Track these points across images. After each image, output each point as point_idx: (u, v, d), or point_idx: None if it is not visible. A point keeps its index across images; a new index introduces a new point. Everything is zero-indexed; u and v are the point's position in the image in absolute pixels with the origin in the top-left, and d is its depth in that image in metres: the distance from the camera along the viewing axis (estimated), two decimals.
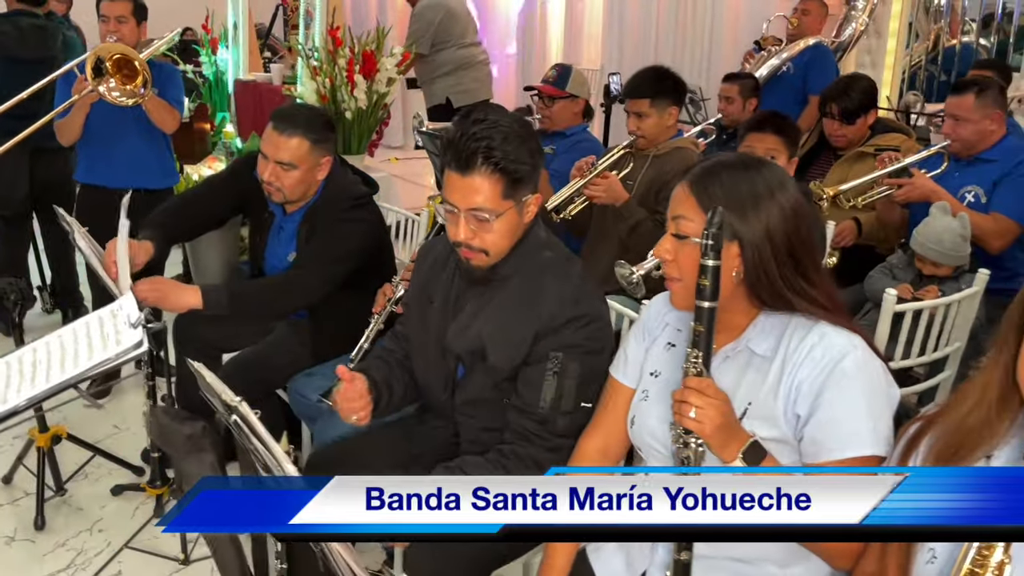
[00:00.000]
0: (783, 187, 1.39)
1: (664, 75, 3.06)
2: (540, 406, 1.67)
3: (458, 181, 1.65)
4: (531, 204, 1.73)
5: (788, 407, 1.35)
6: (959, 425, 1.14)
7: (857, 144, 3.45)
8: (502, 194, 1.65)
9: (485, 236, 1.69)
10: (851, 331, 1.37)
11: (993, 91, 3.05)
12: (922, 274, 2.78)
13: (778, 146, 2.66)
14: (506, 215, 1.68)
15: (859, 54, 5.22)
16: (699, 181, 1.39)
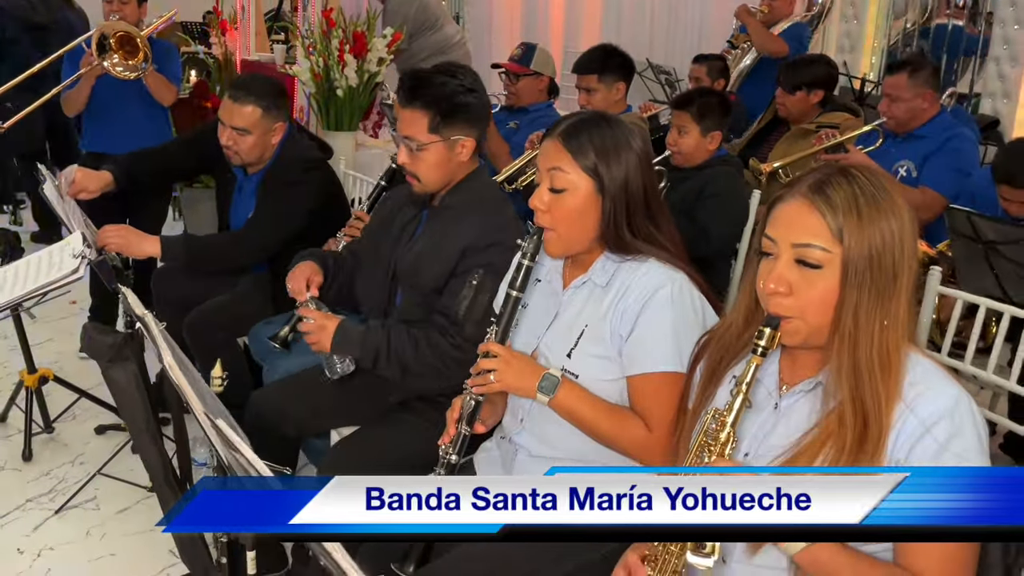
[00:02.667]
0: (635, 137, 1.60)
1: (612, 52, 3.26)
2: (456, 311, 1.93)
3: (399, 112, 2.01)
4: (463, 146, 2.00)
5: (614, 328, 1.56)
6: (721, 339, 1.34)
7: (801, 120, 3.59)
8: (428, 127, 1.96)
9: (416, 163, 2.00)
10: (676, 268, 1.57)
11: (926, 71, 3.19)
12: None
13: (688, 122, 2.84)
14: (432, 148, 1.98)
15: (839, 37, 5.33)
16: (570, 135, 1.59)
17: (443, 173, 2.02)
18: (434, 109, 1.95)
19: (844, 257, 1.16)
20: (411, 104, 1.97)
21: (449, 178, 2.04)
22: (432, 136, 1.97)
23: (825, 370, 1.21)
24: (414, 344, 1.95)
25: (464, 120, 1.99)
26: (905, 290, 1.17)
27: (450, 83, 1.98)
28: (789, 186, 1.24)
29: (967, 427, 1.12)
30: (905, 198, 2.98)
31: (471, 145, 2.01)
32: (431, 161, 1.99)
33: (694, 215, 2.82)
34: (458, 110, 1.97)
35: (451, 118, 1.97)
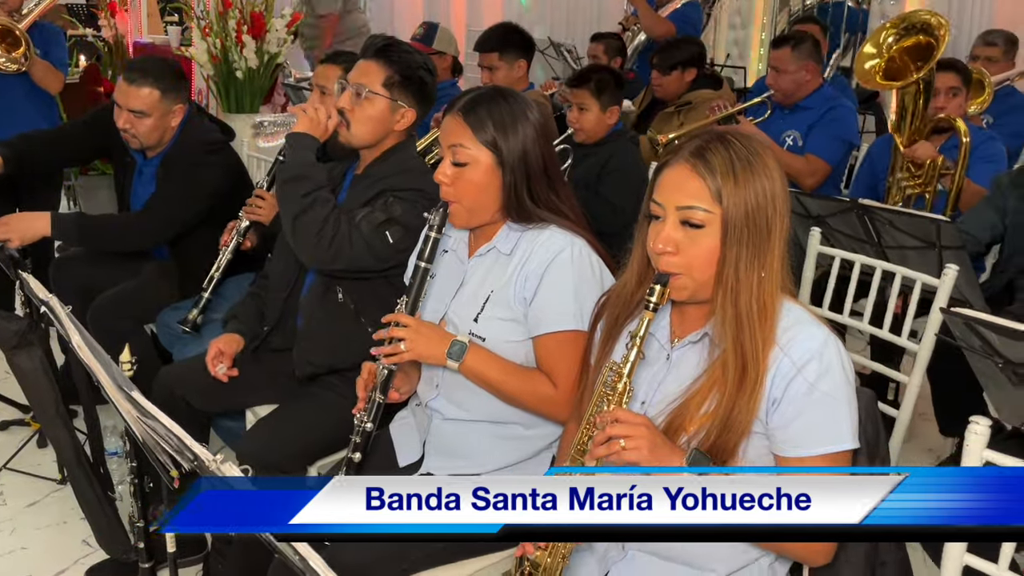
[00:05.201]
0: (532, 110, 1.67)
1: (512, 30, 3.33)
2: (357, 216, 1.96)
3: (360, 63, 2.03)
4: (403, 114, 2.03)
5: (518, 292, 1.63)
6: (617, 298, 1.44)
7: (675, 97, 3.76)
8: (383, 81, 2.00)
9: (356, 110, 2.00)
10: (576, 234, 1.66)
11: (808, 44, 3.38)
12: None
13: (588, 100, 2.94)
14: (377, 100, 1.99)
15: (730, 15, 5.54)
16: (469, 111, 1.65)
17: (375, 130, 2.03)
18: (396, 68, 2.00)
19: (724, 217, 1.26)
20: (375, 58, 2.01)
21: (379, 138, 2.05)
22: (383, 90, 2.00)
23: (711, 322, 1.31)
24: (332, 207, 1.96)
25: (416, 92, 2.03)
26: (778, 244, 1.28)
27: (417, 56, 2.05)
28: (673, 152, 1.33)
29: (835, 365, 1.25)
30: (792, 166, 3.27)
31: (411, 117, 2.05)
32: (372, 113, 2.01)
33: (599, 190, 2.92)
34: (414, 81, 2.02)
35: (406, 84, 2.01)
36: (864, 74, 2.98)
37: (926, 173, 2.85)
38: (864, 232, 2.40)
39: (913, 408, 2.07)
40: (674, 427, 1.29)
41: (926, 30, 2.88)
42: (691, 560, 1.36)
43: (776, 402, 1.26)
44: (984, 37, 4.08)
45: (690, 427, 1.28)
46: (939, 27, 2.85)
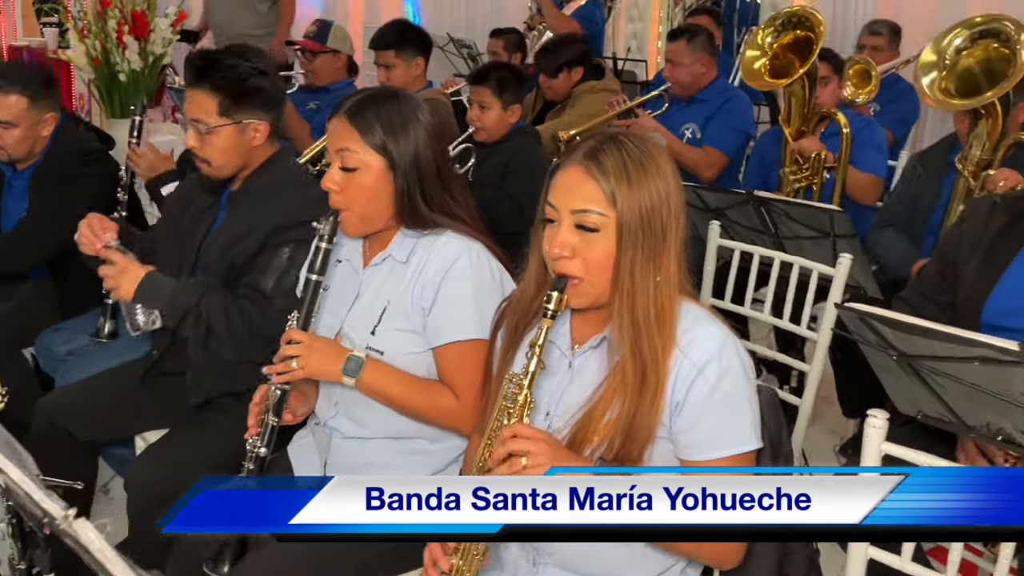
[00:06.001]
0: (423, 111, 1.61)
1: (407, 27, 3.25)
2: (265, 284, 1.87)
3: (187, 93, 1.93)
4: (256, 129, 1.93)
5: (416, 302, 1.57)
6: (517, 305, 1.39)
7: (565, 97, 3.76)
8: (218, 110, 1.89)
9: (206, 147, 1.92)
10: (474, 238, 1.60)
11: (702, 38, 3.41)
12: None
13: (489, 97, 2.89)
14: (222, 131, 1.91)
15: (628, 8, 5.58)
16: (355, 113, 1.57)
17: (235, 157, 1.95)
18: (224, 91, 1.89)
19: (618, 220, 1.23)
20: (199, 85, 1.90)
21: (243, 162, 1.97)
22: (222, 119, 1.90)
23: (609, 326, 1.28)
24: (224, 310, 1.87)
25: (256, 103, 1.93)
26: (674, 246, 1.26)
27: (241, 65, 1.92)
28: (566, 154, 1.30)
29: (734, 365, 1.23)
30: (692, 158, 3.29)
31: (265, 129, 1.95)
32: (221, 145, 1.92)
33: (504, 188, 2.88)
34: (249, 93, 1.92)
35: (242, 101, 1.91)
36: (752, 75, 3.02)
37: (812, 166, 2.91)
38: (761, 223, 2.43)
39: (815, 396, 2.11)
40: (579, 439, 1.26)
41: (803, 24, 2.94)
42: (605, 572, 1.33)
43: (679, 406, 1.24)
44: (869, 27, 4.22)
45: (595, 437, 1.25)
46: (814, 20, 2.91)
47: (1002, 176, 2.40)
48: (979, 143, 2.48)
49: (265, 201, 1.94)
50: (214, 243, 1.98)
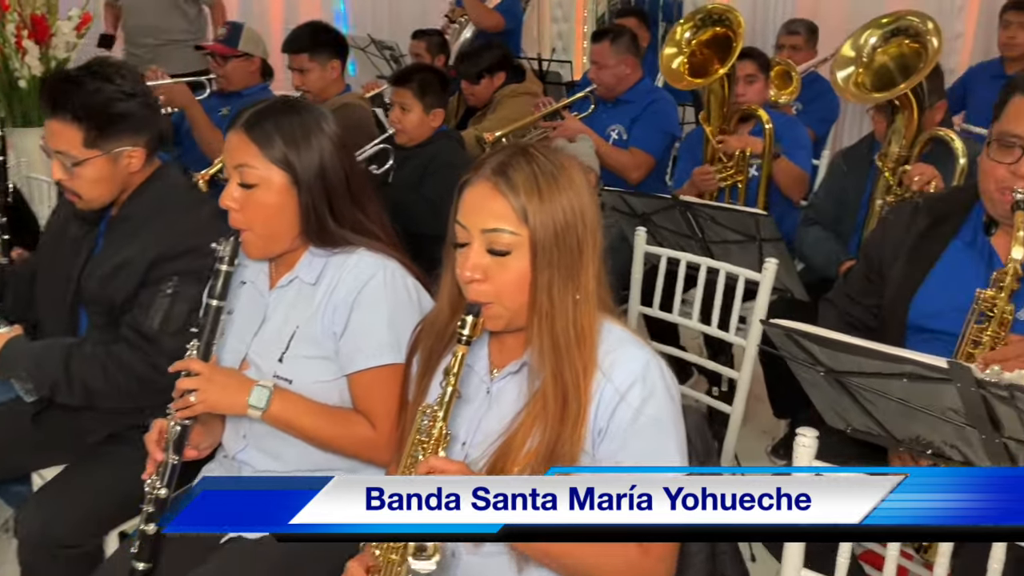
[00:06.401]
0: (328, 121, 1.51)
1: (321, 29, 3.13)
2: (149, 325, 1.71)
3: (47, 124, 1.72)
4: (130, 156, 1.75)
5: (327, 326, 1.48)
6: (432, 328, 1.31)
7: (486, 101, 3.70)
8: (83, 142, 1.69)
9: (74, 181, 1.73)
10: (388, 256, 1.51)
11: (625, 39, 3.38)
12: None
13: (410, 100, 2.81)
14: (91, 163, 1.71)
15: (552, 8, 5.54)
16: (253, 126, 1.46)
17: (109, 188, 1.76)
18: (89, 121, 1.68)
19: (531, 238, 1.16)
20: (59, 115, 1.68)
21: (119, 190, 1.78)
22: (90, 151, 1.70)
23: (529, 350, 1.21)
24: (101, 368, 1.71)
25: (127, 128, 1.73)
26: (592, 262, 1.19)
27: (105, 88, 1.70)
28: (474, 170, 1.22)
29: (658, 387, 1.17)
30: (619, 160, 3.25)
31: (140, 154, 1.76)
32: (92, 177, 1.72)
33: (422, 191, 2.79)
34: (117, 120, 1.71)
35: (110, 129, 1.71)
36: (672, 74, 3.00)
37: (736, 163, 2.90)
38: (688, 228, 2.40)
39: (745, 403, 2.08)
40: (497, 469, 1.18)
41: (721, 21, 2.93)
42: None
43: (602, 432, 1.17)
44: (787, 26, 4.26)
45: (514, 467, 1.17)
46: (733, 17, 2.90)
47: (917, 171, 2.41)
48: (897, 139, 2.50)
49: (144, 228, 1.76)
50: (92, 275, 1.80)
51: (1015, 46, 3.73)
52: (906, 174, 2.43)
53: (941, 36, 2.43)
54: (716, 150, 2.93)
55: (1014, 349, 1.51)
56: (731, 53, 2.84)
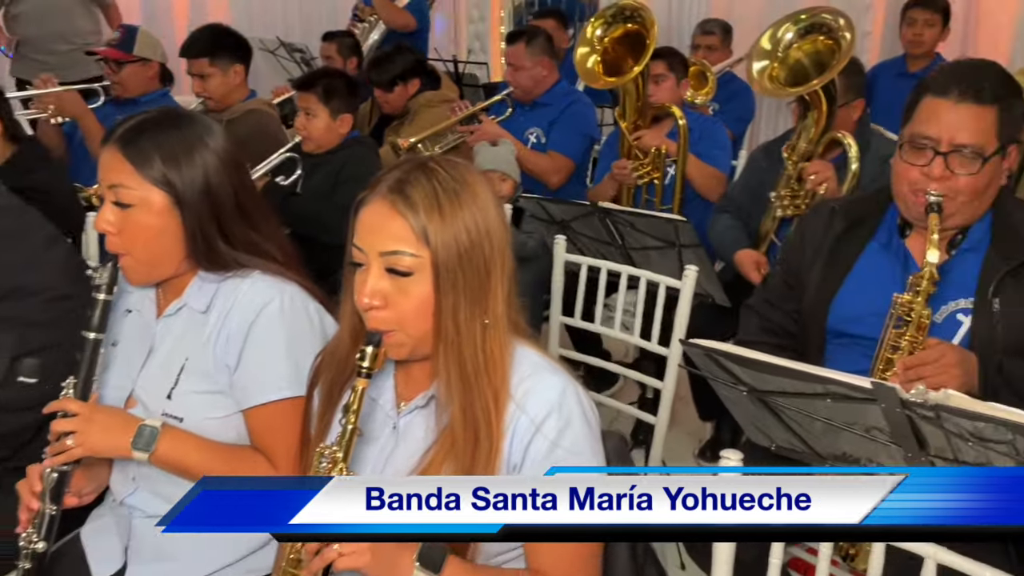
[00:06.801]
0: (213, 135, 1.39)
1: (222, 32, 2.98)
2: None
3: None
4: None
5: (220, 358, 1.36)
6: (332, 358, 1.21)
7: (401, 109, 3.59)
8: None
9: None
10: (286, 279, 1.40)
11: (541, 40, 3.32)
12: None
13: (315, 105, 2.69)
14: None
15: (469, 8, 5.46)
16: (129, 142, 1.33)
17: None
18: None
19: (433, 260, 1.07)
20: None
21: None
22: None
23: (436, 382, 1.12)
24: None
25: None
26: (501, 284, 1.11)
27: None
28: (371, 187, 1.13)
29: (575, 417, 1.10)
30: (538, 164, 3.18)
31: None
32: None
33: (335, 200, 2.67)
34: None
35: None
36: (587, 74, 2.95)
37: (652, 160, 2.87)
38: (608, 235, 2.35)
39: (670, 413, 2.04)
40: None
41: (633, 18, 2.89)
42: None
43: (517, 467, 1.09)
44: (702, 26, 4.27)
45: None
46: (645, 14, 2.86)
47: (814, 168, 2.42)
48: (806, 135, 2.51)
49: None
50: None
51: (920, 43, 3.80)
52: (804, 169, 2.44)
53: (854, 33, 2.45)
54: (632, 147, 2.89)
55: (932, 353, 1.49)
56: (645, 50, 2.80)
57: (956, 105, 1.52)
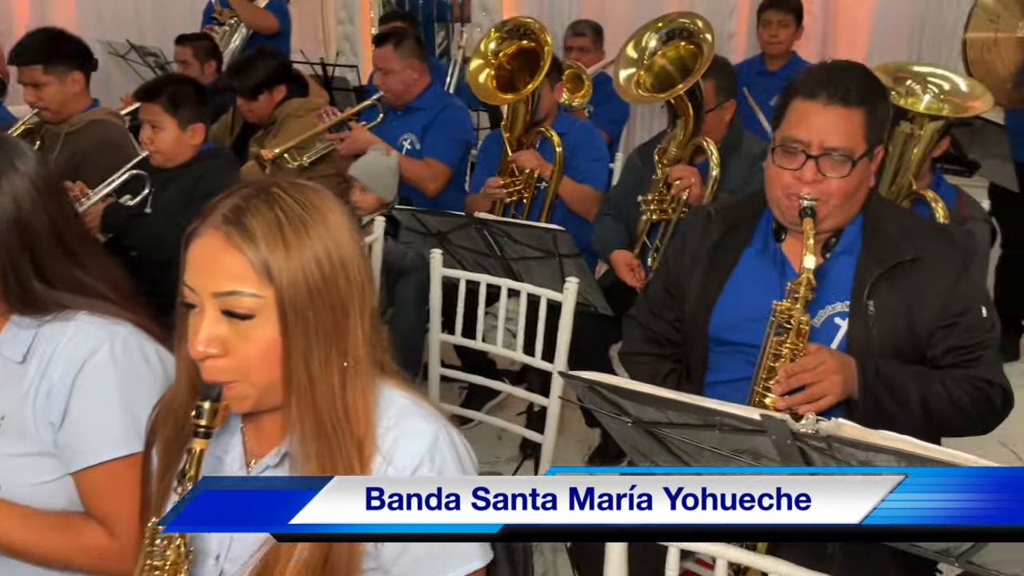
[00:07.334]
0: (24, 158, 1.21)
1: (57, 37, 2.72)
2: None
3: None
4: None
5: (41, 415, 1.18)
6: (168, 410, 1.06)
7: (266, 118, 3.39)
8: None
9: None
10: (118, 319, 1.23)
11: (410, 41, 3.19)
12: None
13: (161, 116, 2.47)
14: None
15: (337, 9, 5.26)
16: None
17: None
18: None
19: (279, 299, 0.94)
20: None
21: None
22: None
23: (290, 436, 0.99)
24: None
25: None
26: (361, 320, 0.99)
27: None
28: (203, 217, 0.99)
29: (449, 467, 1.00)
30: (414, 171, 3.06)
31: None
32: None
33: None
34: None
35: None
36: (482, 90, 2.86)
37: (526, 179, 2.81)
38: (486, 246, 2.26)
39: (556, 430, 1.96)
40: None
41: (527, 35, 2.83)
42: None
43: None
44: (573, 28, 4.24)
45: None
46: (539, 33, 2.81)
47: (678, 173, 2.43)
48: (675, 141, 2.52)
49: None
50: None
51: (776, 44, 3.90)
52: (669, 172, 2.44)
53: (713, 33, 2.46)
54: (509, 163, 2.82)
55: (811, 360, 1.48)
56: (539, 69, 2.73)
57: (825, 108, 1.52)
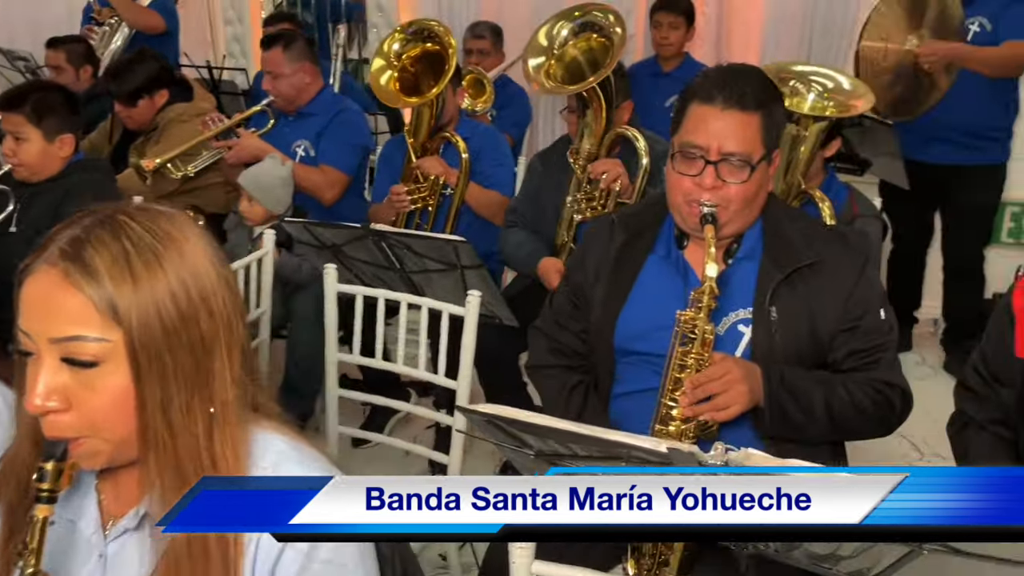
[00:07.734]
0: None
1: None
2: None
3: None
4: None
5: None
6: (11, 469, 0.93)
7: (148, 125, 3.19)
8: None
9: None
10: None
11: (299, 43, 3.05)
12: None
13: (25, 127, 2.29)
14: None
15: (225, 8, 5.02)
16: None
17: None
18: None
19: (128, 342, 0.83)
20: None
21: None
22: None
23: (149, 494, 0.88)
24: None
25: None
26: (228, 360, 0.89)
27: None
28: (38, 252, 0.86)
29: None
30: (310, 179, 2.92)
31: None
32: None
33: None
34: None
35: None
36: (384, 92, 2.75)
37: (430, 186, 2.72)
38: (385, 259, 2.15)
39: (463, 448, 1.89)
40: None
41: (431, 38, 2.74)
42: None
43: None
44: (472, 30, 4.16)
45: None
46: (444, 36, 2.73)
47: (603, 167, 2.40)
48: (588, 135, 2.48)
49: None
50: None
51: (668, 45, 3.91)
52: (592, 168, 2.40)
53: (624, 28, 2.45)
54: (413, 169, 2.72)
55: (717, 370, 1.46)
56: (444, 73, 2.64)
57: (722, 112, 1.49)
